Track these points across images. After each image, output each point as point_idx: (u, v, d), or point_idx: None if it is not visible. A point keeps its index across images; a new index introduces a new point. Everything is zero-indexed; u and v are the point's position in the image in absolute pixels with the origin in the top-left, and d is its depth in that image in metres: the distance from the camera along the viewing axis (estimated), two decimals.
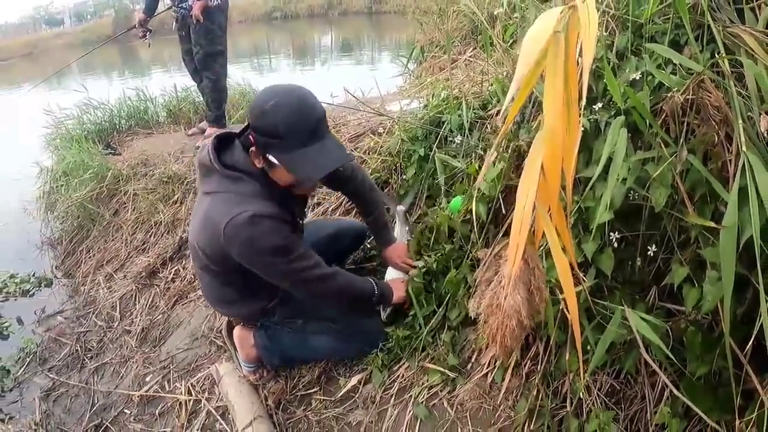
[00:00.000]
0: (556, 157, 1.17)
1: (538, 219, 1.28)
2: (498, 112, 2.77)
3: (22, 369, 4.12)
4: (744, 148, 1.48)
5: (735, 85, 1.63)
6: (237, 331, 2.92)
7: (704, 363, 1.81)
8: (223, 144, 2.49)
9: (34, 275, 5.50)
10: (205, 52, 5.75)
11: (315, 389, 2.84)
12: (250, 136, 2.34)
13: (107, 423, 3.28)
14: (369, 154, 3.70)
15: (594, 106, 2.00)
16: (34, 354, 4.24)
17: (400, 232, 3.05)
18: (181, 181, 5.19)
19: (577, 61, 1.17)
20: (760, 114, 1.57)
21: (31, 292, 5.29)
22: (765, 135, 1.54)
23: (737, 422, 1.69)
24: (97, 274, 5.03)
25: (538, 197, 1.22)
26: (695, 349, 1.81)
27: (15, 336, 4.60)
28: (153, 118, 7.37)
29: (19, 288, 5.32)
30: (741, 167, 1.49)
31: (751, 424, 1.66)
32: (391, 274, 2.97)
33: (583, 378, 1.99)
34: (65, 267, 5.60)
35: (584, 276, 1.96)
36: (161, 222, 4.96)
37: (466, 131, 2.86)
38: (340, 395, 2.74)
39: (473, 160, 2.73)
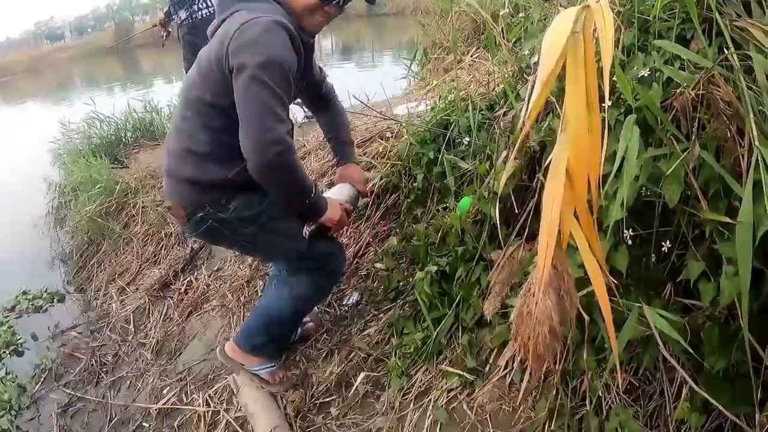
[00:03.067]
0: (581, 159, 1.17)
1: (564, 222, 1.27)
2: (505, 112, 2.77)
3: (38, 385, 4.12)
4: (757, 143, 1.49)
5: (745, 80, 1.63)
6: (228, 346, 2.98)
7: (722, 357, 1.81)
8: None
9: (46, 291, 5.49)
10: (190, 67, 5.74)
11: (334, 396, 2.84)
12: None
13: None
14: (378, 158, 3.71)
15: (603, 104, 2.00)
16: (49, 370, 4.24)
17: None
18: None
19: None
20: None
21: (44, 308, 5.30)
22: None
23: (758, 415, 1.69)
24: (109, 287, 5.05)
25: (564, 201, 1.22)
26: (713, 344, 1.81)
27: (30, 352, 4.61)
28: (159, 129, 7.40)
29: (32, 304, 5.32)
30: (754, 162, 1.49)
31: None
32: (334, 193, 2.85)
33: (608, 371, 1.98)
34: (77, 282, 5.62)
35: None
36: (171, 234, 4.99)
37: (474, 133, 2.87)
38: (358, 402, 2.75)
39: (482, 161, 2.74)
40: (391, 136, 3.77)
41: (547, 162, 1.26)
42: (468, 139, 2.91)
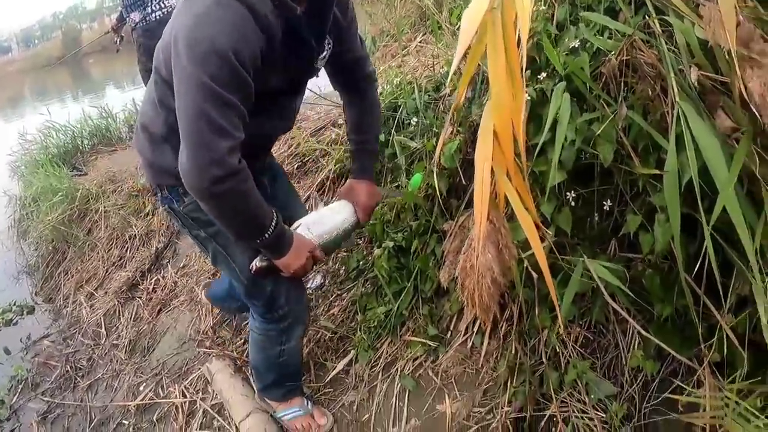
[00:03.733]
0: (505, 121, 1.29)
1: (498, 182, 1.39)
2: (451, 92, 2.87)
3: (16, 396, 4.12)
4: (677, 99, 1.60)
5: (666, 43, 1.74)
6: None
7: (667, 304, 1.94)
8: None
9: (15, 304, 5.47)
10: (147, 70, 5.60)
11: (305, 376, 2.91)
12: None
13: None
14: (331, 145, 3.79)
15: (539, 76, 2.11)
16: (25, 380, 4.25)
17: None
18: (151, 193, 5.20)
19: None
20: (690, 66, 1.68)
21: (14, 321, 5.27)
22: (696, 85, 1.65)
23: (704, 351, 1.82)
24: (77, 294, 5.05)
25: (495, 161, 1.33)
26: (656, 291, 1.94)
27: (4, 366, 4.58)
28: (115, 134, 7.39)
29: (2, 318, 5.29)
30: (676, 116, 1.61)
31: (713, 349, 1.79)
32: (323, 218, 2.36)
33: (562, 324, 2.08)
34: (45, 292, 5.59)
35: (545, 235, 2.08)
36: (135, 235, 5.03)
37: (421, 113, 2.97)
38: (329, 378, 2.85)
39: (430, 139, 2.83)
40: (344, 123, 3.85)
41: None
42: (416, 120, 3.01)
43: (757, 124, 1.43)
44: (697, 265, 1.70)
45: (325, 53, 2.09)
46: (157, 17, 5.47)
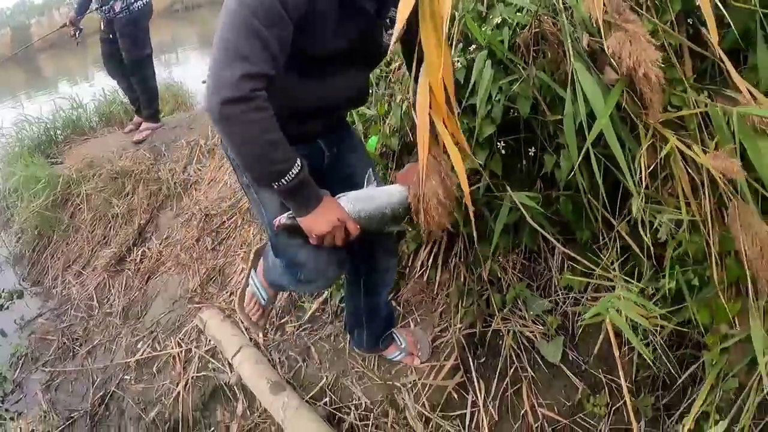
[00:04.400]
0: (437, 79, 1.73)
1: (436, 127, 1.83)
2: (399, 66, 3.27)
3: (18, 371, 4.38)
4: (573, 60, 2.04)
5: (566, 16, 2.17)
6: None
7: (582, 229, 2.43)
8: None
9: (3, 290, 5.63)
10: (133, 59, 5.84)
11: (287, 317, 3.28)
12: None
13: (113, 389, 3.65)
14: None
15: (470, 48, 2.54)
16: (25, 356, 4.49)
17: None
18: (129, 174, 5.42)
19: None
20: (583, 34, 2.12)
21: (5, 306, 5.44)
22: (587, 48, 2.08)
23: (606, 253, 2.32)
24: (66, 275, 5.29)
25: (432, 111, 1.77)
26: (569, 214, 2.43)
27: (2, 347, 4.76)
28: (87, 124, 7.40)
29: None
30: (571, 72, 2.05)
31: (612, 248, 2.31)
32: (376, 193, 2.13)
33: (499, 248, 2.50)
34: (32, 277, 5.77)
35: (480, 180, 2.53)
36: (118, 214, 5.24)
37: (374, 85, 3.37)
38: (308, 317, 3.21)
39: (383, 105, 3.24)
40: None
41: None
42: (371, 91, 3.41)
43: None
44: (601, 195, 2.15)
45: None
46: (140, 6, 5.64)
